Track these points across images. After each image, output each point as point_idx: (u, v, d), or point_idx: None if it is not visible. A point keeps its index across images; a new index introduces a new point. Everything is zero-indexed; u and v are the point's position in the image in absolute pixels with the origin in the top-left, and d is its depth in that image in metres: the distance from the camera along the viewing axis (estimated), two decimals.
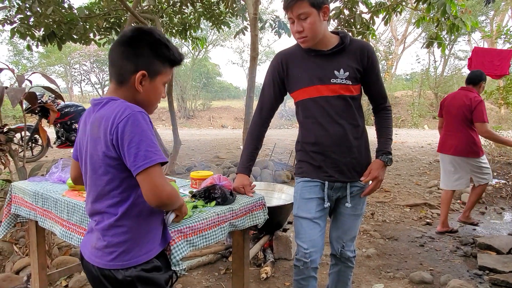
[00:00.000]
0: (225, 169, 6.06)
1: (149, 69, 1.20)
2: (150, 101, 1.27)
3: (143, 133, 1.10)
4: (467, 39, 21.22)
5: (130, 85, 1.21)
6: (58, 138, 6.84)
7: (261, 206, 1.89)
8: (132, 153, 1.09)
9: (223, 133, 14.60)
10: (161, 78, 1.25)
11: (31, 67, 24.04)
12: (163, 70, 1.25)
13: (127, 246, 1.18)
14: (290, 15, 1.72)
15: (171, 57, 1.25)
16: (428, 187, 5.61)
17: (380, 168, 1.84)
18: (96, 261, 1.20)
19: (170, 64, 1.27)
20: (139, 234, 1.20)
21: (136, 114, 1.12)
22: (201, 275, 2.89)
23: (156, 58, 1.22)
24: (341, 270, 2.04)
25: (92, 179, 1.21)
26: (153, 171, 1.10)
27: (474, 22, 5.56)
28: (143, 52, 1.19)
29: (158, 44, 1.21)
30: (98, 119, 1.16)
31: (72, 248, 3.04)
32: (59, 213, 1.83)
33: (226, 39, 22.74)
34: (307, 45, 1.78)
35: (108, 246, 1.18)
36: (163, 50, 1.22)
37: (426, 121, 18.03)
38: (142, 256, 1.20)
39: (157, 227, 1.27)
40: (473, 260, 3.22)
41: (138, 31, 1.21)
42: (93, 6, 6.24)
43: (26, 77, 2.73)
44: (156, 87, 1.25)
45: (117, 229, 1.17)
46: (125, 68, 1.19)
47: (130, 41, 1.20)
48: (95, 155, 1.17)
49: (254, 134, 2.01)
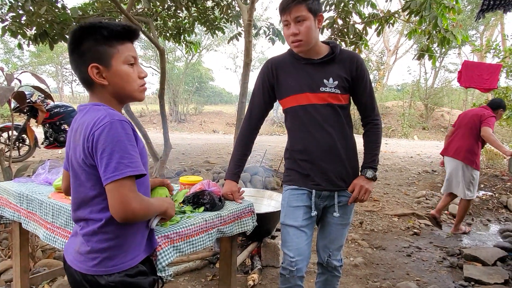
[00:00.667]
0: (215, 174, 6.03)
1: (98, 58, 1.14)
2: (124, 88, 1.19)
3: (117, 143, 1.06)
4: (457, 52, 21.55)
5: (96, 84, 1.17)
6: (46, 139, 6.75)
7: (250, 213, 1.88)
8: (103, 163, 1.05)
9: (214, 138, 14.55)
10: (117, 58, 1.16)
11: (22, 66, 23.75)
12: (113, 50, 1.15)
13: (111, 252, 1.15)
14: (287, 18, 1.72)
15: (112, 33, 1.14)
16: (416, 197, 5.66)
17: (364, 182, 1.84)
18: (78, 266, 1.18)
19: (117, 39, 1.16)
20: (124, 240, 1.17)
21: (114, 123, 1.07)
22: (187, 281, 2.86)
23: (98, 45, 1.14)
24: (327, 279, 2.04)
25: (74, 185, 1.19)
26: (121, 184, 1.05)
27: (465, 36, 5.65)
28: (84, 48, 1.14)
29: (92, 30, 1.13)
30: (80, 126, 1.14)
31: (56, 251, 2.99)
32: (44, 216, 1.79)
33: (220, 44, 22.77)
34: (300, 49, 1.78)
35: (92, 251, 1.15)
36: (100, 31, 1.13)
37: (416, 132, 18.22)
38: (127, 262, 1.18)
39: (143, 233, 1.25)
40: (459, 271, 3.25)
41: (72, 33, 1.15)
42: (87, 7, 6.20)
43: (15, 76, 2.69)
44: (118, 70, 1.16)
45: (101, 235, 1.15)
46: (82, 72, 1.16)
47: (71, 48, 1.16)
48: (75, 162, 1.15)
49: (243, 140, 2.01)
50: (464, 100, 20.96)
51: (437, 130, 18.81)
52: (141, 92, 1.23)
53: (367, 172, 1.86)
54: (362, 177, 1.87)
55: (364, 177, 1.86)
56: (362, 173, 1.87)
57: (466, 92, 19.98)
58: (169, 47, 19.44)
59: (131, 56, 1.19)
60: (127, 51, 1.18)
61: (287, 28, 1.75)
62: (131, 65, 1.19)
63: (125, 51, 1.17)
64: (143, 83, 1.23)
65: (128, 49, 1.18)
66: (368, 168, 1.87)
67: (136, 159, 1.10)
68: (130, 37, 1.19)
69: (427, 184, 6.42)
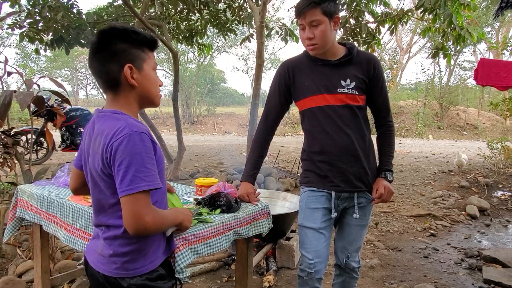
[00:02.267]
0: (228, 175, 6.05)
1: (133, 60, 1.17)
2: (150, 92, 1.23)
3: (135, 156, 1.06)
4: (472, 50, 21.21)
5: (124, 85, 1.17)
6: (63, 142, 6.88)
7: (265, 214, 1.88)
8: (120, 175, 1.06)
9: (227, 140, 14.61)
10: (148, 64, 1.22)
11: (38, 71, 24.28)
12: (145, 56, 1.21)
13: (132, 255, 1.17)
14: (302, 22, 1.73)
15: (145, 39, 1.20)
16: (432, 198, 5.57)
17: (387, 183, 1.87)
18: (102, 268, 1.20)
19: (148, 47, 1.22)
20: (145, 244, 1.19)
21: (133, 135, 1.08)
22: (203, 282, 2.87)
23: (133, 47, 1.17)
24: (345, 281, 2.02)
25: (94, 192, 1.20)
26: (135, 198, 1.06)
27: (481, 33, 5.56)
28: (118, 48, 1.15)
29: (126, 34, 1.17)
30: (99, 134, 1.14)
31: (74, 253, 3.04)
32: (64, 218, 1.83)
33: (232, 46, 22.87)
34: (316, 52, 1.78)
35: (114, 255, 1.17)
36: (134, 36, 1.17)
37: (431, 131, 17.96)
38: (147, 266, 1.19)
39: (161, 237, 1.26)
40: (478, 273, 3.19)
41: (101, 33, 1.16)
42: (102, 12, 6.31)
43: (34, 81, 2.76)
44: (148, 74, 1.21)
45: (123, 240, 1.17)
46: (111, 71, 1.15)
47: (101, 45, 1.16)
48: (94, 170, 1.16)
49: (259, 142, 2.01)
50: (480, 98, 20.60)
51: (453, 129, 18.52)
52: (159, 98, 1.30)
53: (388, 175, 1.88)
54: (383, 179, 1.88)
55: (385, 179, 1.88)
56: (383, 176, 1.88)
57: (482, 90, 19.65)
58: (181, 49, 19.61)
59: (155, 64, 1.27)
60: (154, 59, 1.26)
61: (303, 31, 1.76)
62: (154, 71, 1.26)
63: (153, 59, 1.25)
64: (160, 90, 1.30)
65: (154, 58, 1.26)
66: (387, 171, 1.89)
67: (152, 173, 1.10)
68: (155, 47, 1.26)
69: (443, 185, 6.32)
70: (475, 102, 20.73)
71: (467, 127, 18.54)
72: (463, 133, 17.83)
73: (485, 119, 19.26)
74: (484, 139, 13.58)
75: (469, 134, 17.76)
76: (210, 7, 6.28)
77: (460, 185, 6.12)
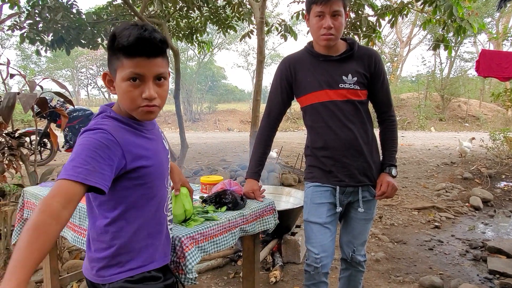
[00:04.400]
0: (232, 172, 6.07)
1: (110, 68, 1.10)
2: (123, 103, 1.11)
3: (80, 147, 1.00)
4: (472, 41, 21.12)
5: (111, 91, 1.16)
6: (66, 142, 6.90)
7: (271, 211, 1.90)
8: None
9: (229, 136, 14.62)
10: (119, 73, 1.06)
11: (39, 72, 24.30)
12: (118, 64, 1.05)
13: (107, 261, 1.13)
14: (323, 9, 1.70)
15: (119, 45, 1.02)
16: (436, 190, 5.58)
17: (390, 179, 1.88)
18: (86, 273, 1.21)
19: (123, 53, 1.03)
20: (120, 251, 1.14)
21: (89, 131, 1.04)
22: (210, 279, 2.90)
23: (111, 55, 1.07)
24: (351, 274, 2.04)
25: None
26: (55, 184, 0.96)
27: (481, 24, 5.54)
28: (107, 54, 1.11)
29: (110, 40, 1.06)
30: None
31: (82, 252, 3.06)
32: (71, 219, 1.84)
33: (232, 43, 22.82)
34: (329, 43, 1.76)
35: (92, 260, 1.16)
36: (111, 42, 1.05)
37: (433, 123, 17.93)
38: (124, 273, 1.14)
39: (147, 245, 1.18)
40: (483, 264, 3.20)
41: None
42: (101, 12, 6.31)
43: (37, 83, 2.77)
44: (118, 85, 1.07)
45: (98, 244, 1.14)
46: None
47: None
48: None
49: (262, 139, 2.02)
50: (481, 89, 20.53)
51: (455, 121, 18.48)
52: (143, 113, 1.10)
53: (392, 170, 1.89)
54: (387, 175, 1.89)
55: (389, 175, 1.88)
56: (387, 171, 1.89)
57: (483, 81, 19.57)
58: (181, 47, 19.57)
59: (133, 72, 1.04)
60: (131, 67, 1.04)
61: (319, 19, 1.72)
62: (133, 82, 1.06)
63: (129, 67, 1.04)
64: (145, 103, 1.07)
65: (134, 65, 1.04)
66: (391, 166, 1.90)
67: (86, 167, 0.97)
68: (144, 52, 1.03)
69: (446, 177, 6.32)
70: (476, 93, 20.67)
71: (469, 118, 18.49)
72: (465, 125, 17.80)
73: (486, 110, 19.21)
74: (486, 130, 13.56)
75: (471, 125, 17.72)
76: (210, 4, 6.26)
77: (463, 176, 6.13)
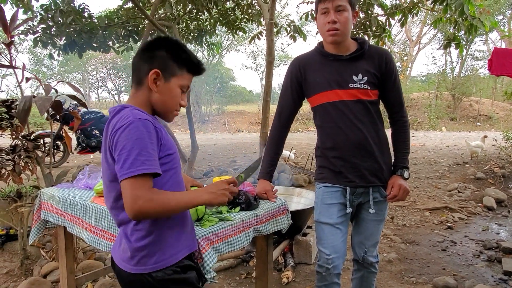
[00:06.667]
0: None
1: (164, 69, 1.22)
2: (165, 103, 1.26)
3: (137, 140, 1.09)
4: (484, 39, 20.84)
5: (146, 86, 1.23)
6: (78, 144, 6.99)
7: (284, 211, 1.90)
8: (122, 159, 1.08)
9: (239, 138, 14.65)
10: (176, 80, 1.25)
11: (51, 75, 24.66)
12: (178, 72, 1.25)
13: (149, 249, 1.18)
14: (327, 5, 1.71)
15: (187, 59, 1.26)
16: (448, 190, 5.53)
17: (402, 181, 1.84)
18: (123, 265, 1.23)
19: (188, 68, 1.27)
20: (158, 237, 1.20)
21: (137, 121, 1.11)
22: (222, 279, 2.91)
23: (172, 60, 1.24)
24: (364, 275, 2.03)
25: (107, 189, 1.24)
26: (134, 181, 1.07)
27: (493, 22, 5.46)
28: (158, 54, 1.23)
29: (174, 47, 1.24)
30: (108, 127, 1.19)
31: (96, 252, 3.11)
32: (87, 219, 1.88)
33: (240, 44, 22.87)
34: (334, 38, 1.75)
35: (132, 250, 1.19)
36: (179, 53, 1.25)
37: (444, 123, 17.73)
38: (167, 260, 1.20)
39: (180, 231, 1.26)
40: (498, 265, 3.17)
41: (157, 37, 1.27)
42: (112, 15, 6.38)
43: (52, 86, 2.82)
44: (171, 88, 1.25)
45: (137, 234, 1.19)
46: (141, 69, 1.23)
47: (148, 46, 1.25)
48: (105, 165, 1.20)
49: (274, 139, 2.03)
50: (494, 88, 20.23)
51: (466, 121, 18.25)
52: (173, 116, 1.32)
53: (404, 172, 1.86)
54: (399, 177, 1.85)
55: (401, 177, 1.85)
56: (399, 174, 1.86)
57: (495, 80, 19.30)
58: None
59: (187, 85, 1.30)
60: (187, 80, 1.29)
61: (324, 16, 1.74)
62: (182, 91, 1.29)
63: (186, 79, 1.28)
64: (178, 109, 1.31)
65: (188, 79, 1.30)
66: (403, 168, 1.86)
67: (153, 158, 1.11)
68: (196, 73, 1.31)
69: (458, 177, 6.25)
70: (488, 92, 20.36)
71: (480, 117, 18.24)
72: (477, 124, 17.57)
73: (499, 109, 18.92)
74: (498, 130, 13.36)
75: (483, 124, 17.48)
76: (219, 6, 6.29)
77: (476, 176, 6.06)
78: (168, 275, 1.20)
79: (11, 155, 2.80)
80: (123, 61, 23.23)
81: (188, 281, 1.24)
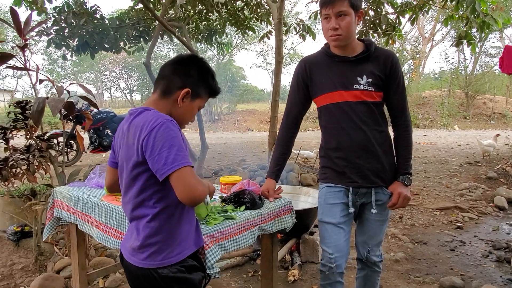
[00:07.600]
0: (251, 172, 6.12)
1: (194, 89, 1.33)
2: (184, 118, 1.38)
3: (174, 139, 1.18)
4: (499, 36, 20.47)
5: (173, 99, 1.32)
6: (91, 143, 7.12)
7: (289, 210, 1.94)
8: (164, 156, 1.15)
9: (249, 137, 14.69)
10: (199, 102, 1.38)
11: (65, 75, 25.10)
12: (203, 95, 1.38)
13: (159, 246, 1.24)
14: (328, 11, 1.73)
15: (213, 87, 1.40)
16: (458, 190, 5.48)
17: (403, 189, 1.84)
18: (132, 260, 1.28)
19: (209, 93, 1.41)
20: (172, 234, 1.26)
21: (168, 122, 1.20)
22: (229, 277, 2.96)
23: (202, 83, 1.36)
24: (367, 274, 2.05)
25: (127, 186, 1.29)
26: (185, 172, 1.16)
27: (506, 19, 5.38)
28: (192, 73, 1.34)
29: (206, 72, 1.38)
30: (133, 127, 1.25)
31: (107, 249, 3.18)
32: (98, 217, 1.93)
33: (250, 43, 22.90)
34: (338, 43, 1.78)
35: (142, 246, 1.25)
36: (209, 78, 1.38)
37: (457, 121, 17.49)
38: (175, 256, 1.26)
39: (189, 229, 1.32)
40: (507, 266, 3.14)
41: (193, 56, 1.39)
42: (123, 16, 6.48)
43: (64, 88, 2.90)
44: (193, 107, 1.37)
45: (149, 230, 1.24)
46: (174, 82, 1.32)
47: (184, 61, 1.35)
48: (130, 162, 1.25)
49: (281, 139, 2.06)
50: (508, 85, 19.86)
51: (480, 119, 17.97)
52: (183, 127, 1.43)
53: (406, 179, 1.85)
54: (401, 184, 1.85)
55: (403, 184, 1.85)
56: (400, 180, 1.86)
57: (510, 77, 18.92)
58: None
59: (203, 106, 1.46)
60: (205, 102, 1.44)
61: (327, 21, 1.76)
62: (198, 109, 1.42)
63: (204, 102, 1.43)
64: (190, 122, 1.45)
65: (206, 101, 1.44)
66: (405, 174, 1.86)
67: (187, 154, 1.22)
68: (213, 96, 1.45)
69: (469, 176, 6.19)
70: (502, 90, 20.00)
71: (494, 116, 17.94)
72: (491, 122, 17.29)
73: None
74: None
75: (497, 123, 17.19)
76: (228, 6, 6.34)
77: (487, 176, 5.99)
78: (173, 272, 1.25)
79: (26, 154, 2.89)
80: (135, 61, 23.48)
81: (191, 282, 1.29)
